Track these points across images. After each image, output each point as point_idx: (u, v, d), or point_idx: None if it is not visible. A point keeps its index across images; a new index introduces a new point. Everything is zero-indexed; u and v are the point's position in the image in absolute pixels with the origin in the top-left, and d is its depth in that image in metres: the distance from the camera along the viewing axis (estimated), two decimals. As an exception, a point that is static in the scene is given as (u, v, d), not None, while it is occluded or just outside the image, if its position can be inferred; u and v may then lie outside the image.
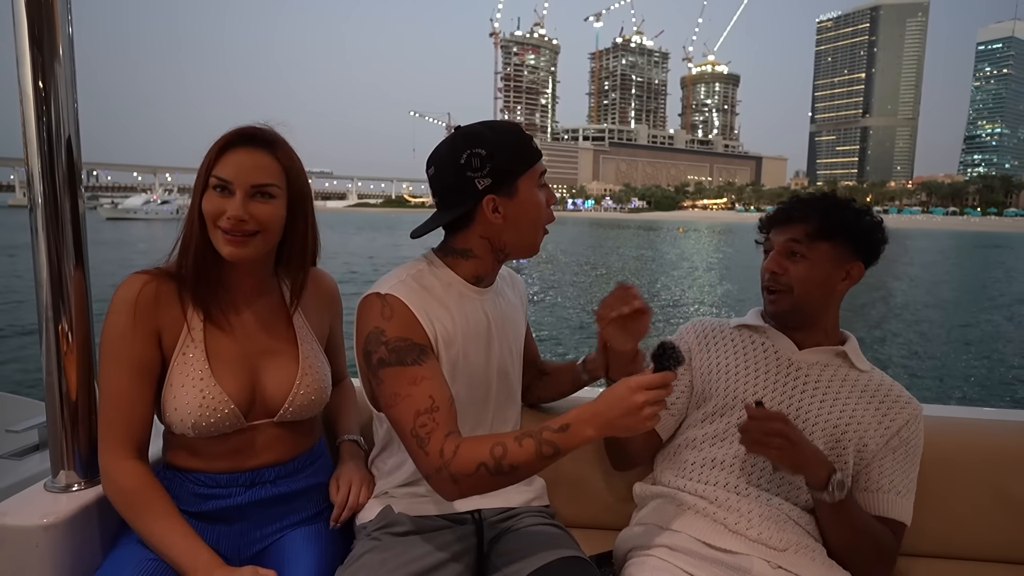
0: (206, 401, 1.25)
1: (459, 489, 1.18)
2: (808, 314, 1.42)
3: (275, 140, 1.30)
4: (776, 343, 1.47)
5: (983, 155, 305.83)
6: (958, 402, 8.92)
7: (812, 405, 1.40)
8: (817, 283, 1.37)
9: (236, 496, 1.32)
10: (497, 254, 1.35)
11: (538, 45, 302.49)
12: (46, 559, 1.22)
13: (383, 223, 76.99)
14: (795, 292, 1.37)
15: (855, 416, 1.38)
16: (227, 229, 1.25)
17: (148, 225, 58.48)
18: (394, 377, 1.22)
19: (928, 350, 12.22)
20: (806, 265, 1.36)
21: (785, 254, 1.38)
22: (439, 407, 1.18)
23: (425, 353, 1.25)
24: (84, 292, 1.31)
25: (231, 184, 1.25)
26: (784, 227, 1.40)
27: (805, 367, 1.43)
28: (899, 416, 1.38)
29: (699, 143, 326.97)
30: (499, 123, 1.30)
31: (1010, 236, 73.90)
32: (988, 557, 1.64)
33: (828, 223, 1.35)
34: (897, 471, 1.37)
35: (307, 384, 1.36)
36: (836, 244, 1.36)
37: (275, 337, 1.38)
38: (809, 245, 1.36)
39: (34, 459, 1.75)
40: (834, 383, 1.41)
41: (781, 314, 1.43)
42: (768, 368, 1.45)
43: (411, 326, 1.26)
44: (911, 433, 1.39)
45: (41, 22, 1.21)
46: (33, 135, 1.24)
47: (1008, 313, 16.54)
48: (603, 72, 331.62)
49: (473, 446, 1.14)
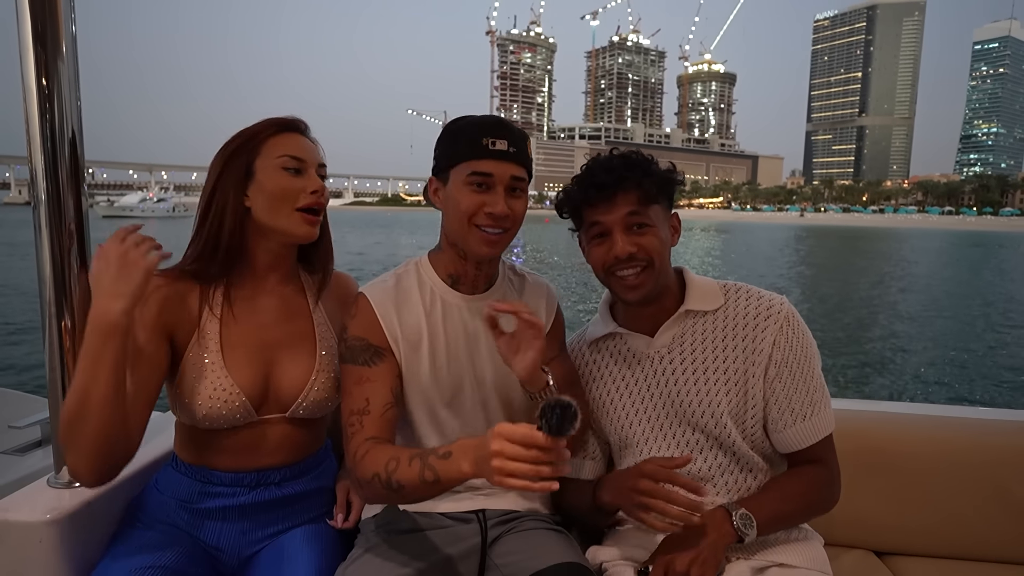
0: (217, 392, 1.24)
1: (363, 493, 1.21)
2: (662, 281, 1.36)
3: (309, 130, 1.35)
4: (629, 343, 1.44)
5: (979, 154, 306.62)
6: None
7: (688, 391, 1.36)
8: (664, 247, 1.32)
9: (240, 496, 1.32)
10: (455, 248, 1.32)
11: (534, 44, 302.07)
12: (49, 554, 1.23)
13: (378, 221, 76.60)
14: (655, 265, 1.30)
15: (728, 372, 1.34)
16: (309, 206, 1.27)
17: (145, 223, 58.00)
18: (346, 373, 1.27)
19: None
20: (652, 232, 1.30)
21: (628, 230, 1.29)
22: (370, 411, 1.20)
23: (379, 355, 1.26)
24: (87, 289, 1.28)
25: (305, 163, 1.27)
26: (610, 203, 1.29)
27: (666, 353, 1.39)
28: (763, 343, 1.32)
29: (695, 142, 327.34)
30: (477, 116, 1.27)
31: (1009, 236, 73.87)
32: (987, 557, 1.64)
33: (653, 185, 1.29)
34: (793, 396, 1.32)
35: (323, 380, 1.35)
36: (660, 203, 1.33)
37: (294, 331, 1.37)
38: (646, 212, 1.29)
39: (37, 455, 1.76)
40: (697, 350, 1.37)
41: (646, 294, 1.33)
42: (635, 377, 1.42)
43: (370, 327, 1.28)
44: (784, 351, 1.32)
45: (44, 20, 1.21)
46: (36, 132, 1.24)
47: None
48: (599, 71, 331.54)
49: (377, 455, 1.13)
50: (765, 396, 1.33)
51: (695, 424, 1.36)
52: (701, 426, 1.35)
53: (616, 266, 1.30)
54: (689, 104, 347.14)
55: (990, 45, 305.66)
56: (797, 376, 1.32)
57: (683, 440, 1.37)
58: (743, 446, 1.34)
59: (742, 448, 1.34)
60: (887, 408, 1.82)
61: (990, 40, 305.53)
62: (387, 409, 1.22)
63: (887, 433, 1.69)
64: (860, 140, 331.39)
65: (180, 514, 1.31)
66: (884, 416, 1.76)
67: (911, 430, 1.71)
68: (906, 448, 1.66)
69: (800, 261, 33.26)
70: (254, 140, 1.26)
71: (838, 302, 17.73)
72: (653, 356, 1.40)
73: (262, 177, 1.26)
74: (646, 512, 1.17)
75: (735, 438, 1.33)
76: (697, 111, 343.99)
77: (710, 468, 1.35)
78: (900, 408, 1.84)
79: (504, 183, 1.23)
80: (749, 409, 1.33)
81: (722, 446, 1.35)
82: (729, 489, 1.35)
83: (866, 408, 1.78)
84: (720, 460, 1.35)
